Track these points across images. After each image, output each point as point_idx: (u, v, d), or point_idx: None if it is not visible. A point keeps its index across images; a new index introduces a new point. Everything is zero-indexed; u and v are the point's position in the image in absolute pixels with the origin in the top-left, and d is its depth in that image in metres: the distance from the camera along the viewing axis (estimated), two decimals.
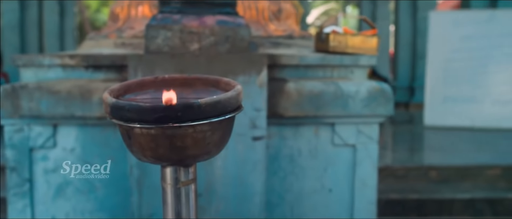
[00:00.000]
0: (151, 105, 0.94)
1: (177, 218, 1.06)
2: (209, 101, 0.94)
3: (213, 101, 0.94)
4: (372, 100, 2.34)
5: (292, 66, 2.35)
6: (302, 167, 2.41)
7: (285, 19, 2.75)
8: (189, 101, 0.94)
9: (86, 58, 2.30)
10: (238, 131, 2.10)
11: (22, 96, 2.23)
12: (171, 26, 2.06)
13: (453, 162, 4.84)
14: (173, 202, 1.05)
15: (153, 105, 0.94)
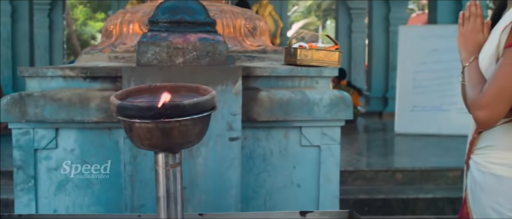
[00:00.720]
0: (148, 106, 1.29)
1: (167, 193, 1.40)
2: (191, 102, 1.28)
3: (194, 103, 1.29)
4: (334, 106, 2.70)
5: (264, 77, 2.71)
6: (274, 165, 2.76)
7: (260, 36, 3.11)
8: (176, 103, 1.29)
9: (85, 69, 2.64)
10: (216, 133, 2.44)
11: (29, 103, 2.56)
12: (159, 43, 2.40)
13: (418, 165, 5.23)
14: (163, 180, 1.39)
15: (149, 105, 1.29)
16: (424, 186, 4.98)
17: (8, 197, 4.69)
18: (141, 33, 2.87)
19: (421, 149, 6.22)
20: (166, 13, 2.43)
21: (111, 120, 2.59)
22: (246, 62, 2.85)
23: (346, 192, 4.82)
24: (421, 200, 4.71)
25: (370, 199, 4.74)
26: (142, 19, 2.95)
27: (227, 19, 2.98)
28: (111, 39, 3.05)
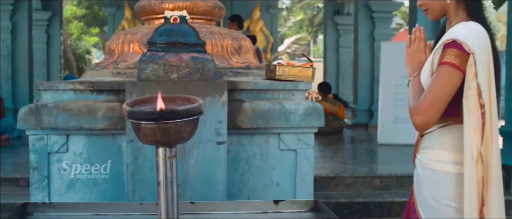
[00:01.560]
0: (151, 111, 1.70)
1: (165, 178, 1.80)
2: (183, 108, 1.70)
3: (186, 109, 1.71)
4: (307, 115, 3.13)
5: (247, 90, 3.13)
6: (256, 167, 3.18)
7: (245, 54, 3.54)
8: (172, 109, 1.71)
9: (92, 84, 3.05)
10: (206, 138, 2.85)
11: (44, 113, 2.97)
12: (157, 61, 2.82)
13: (395, 172, 5.64)
14: (163, 168, 1.79)
15: (152, 111, 1.70)
16: (400, 191, 5.38)
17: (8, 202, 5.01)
18: (140, 52, 3.30)
19: (400, 157, 6.63)
20: (163, 36, 2.86)
21: (115, 127, 3.00)
22: (232, 77, 3.27)
23: (327, 196, 5.23)
24: (396, 204, 5.11)
25: (350, 202, 5.14)
26: (141, 40, 3.37)
27: (215, 39, 3.41)
28: (114, 57, 3.47)
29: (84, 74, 3.65)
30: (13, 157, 6.95)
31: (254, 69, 3.48)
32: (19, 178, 5.45)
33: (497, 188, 2.20)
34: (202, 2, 3.56)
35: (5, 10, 10.48)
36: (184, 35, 2.83)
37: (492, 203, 2.18)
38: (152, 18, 3.64)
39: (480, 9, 2.32)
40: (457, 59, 2.15)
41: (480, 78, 2.14)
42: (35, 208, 2.22)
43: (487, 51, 2.19)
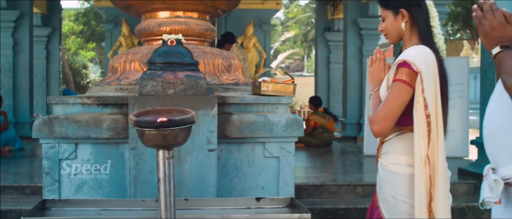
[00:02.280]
0: (153, 120, 2.12)
1: (164, 175, 2.22)
2: (179, 118, 2.11)
3: (181, 119, 2.12)
4: (289, 126, 3.54)
5: (236, 104, 3.55)
6: (243, 172, 3.59)
7: (234, 71, 3.96)
8: (170, 119, 2.12)
9: (98, 98, 3.47)
10: (198, 146, 3.26)
11: (56, 124, 3.38)
12: (156, 79, 3.24)
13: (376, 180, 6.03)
14: (163, 167, 2.21)
15: (154, 120, 2.12)
16: None
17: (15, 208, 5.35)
18: (141, 70, 3.71)
19: None
20: (161, 56, 3.28)
21: (119, 137, 3.41)
22: (222, 92, 3.69)
23: (313, 203, 5.61)
24: None
25: (334, 208, 5.52)
26: (141, 59, 3.79)
27: (208, 58, 3.83)
28: (117, 74, 3.89)
29: (90, 89, 4.07)
30: (17, 167, 7.32)
31: (242, 85, 3.90)
32: (25, 186, 5.79)
33: (443, 185, 2.60)
34: (196, 25, 3.99)
35: (7, 27, 10.88)
36: (180, 56, 3.25)
37: (439, 199, 2.58)
38: (151, 39, 4.07)
39: (430, 36, 2.74)
40: (407, 77, 2.57)
41: (427, 92, 2.56)
42: (52, 204, 2.63)
43: (434, 71, 2.61)
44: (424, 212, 2.58)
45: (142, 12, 4.10)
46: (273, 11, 15.94)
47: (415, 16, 2.73)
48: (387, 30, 2.81)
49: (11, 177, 6.34)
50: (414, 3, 2.74)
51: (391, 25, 2.79)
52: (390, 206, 2.73)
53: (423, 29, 2.73)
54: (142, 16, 4.16)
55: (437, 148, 2.58)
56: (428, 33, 2.74)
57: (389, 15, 2.80)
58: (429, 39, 2.73)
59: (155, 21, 3.98)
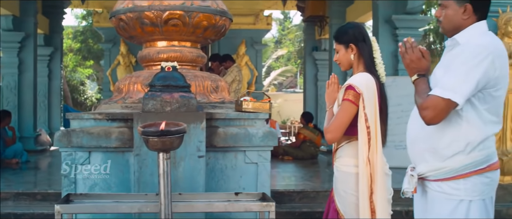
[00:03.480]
0: (156, 130, 2.86)
1: (163, 172, 2.95)
2: (174, 129, 2.86)
3: (176, 129, 2.87)
4: (265, 137, 4.28)
5: (221, 119, 4.29)
6: (228, 176, 4.32)
7: (221, 92, 4.71)
8: (168, 129, 2.87)
9: (108, 114, 4.21)
10: (190, 152, 3.99)
11: (73, 135, 4.11)
12: (156, 98, 3.98)
13: None
14: (162, 166, 2.94)
15: (156, 130, 2.87)
16: None
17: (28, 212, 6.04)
18: (143, 91, 4.45)
19: None
20: (160, 80, 4.02)
21: (125, 146, 4.14)
22: (211, 109, 4.43)
23: (293, 207, 6.33)
24: None
25: (311, 211, 6.23)
26: (143, 81, 4.54)
27: (198, 81, 4.59)
28: (122, 94, 4.64)
29: (99, 107, 4.81)
30: (26, 177, 8.04)
31: (227, 103, 4.65)
32: (36, 193, 6.49)
33: (381, 181, 3.32)
34: (189, 52, 4.74)
35: (13, 47, 11.61)
36: (175, 80, 3.99)
37: (378, 192, 3.31)
38: (151, 64, 4.82)
39: (373, 65, 3.48)
40: (353, 97, 3.32)
41: (367, 109, 3.30)
42: (74, 197, 3.36)
43: (373, 92, 3.35)
44: (367, 203, 3.31)
45: (143, 41, 4.86)
46: (264, 31, 16.71)
47: (361, 50, 3.48)
48: (340, 60, 3.57)
49: (22, 185, 7.02)
50: (360, 40, 3.49)
51: (343, 56, 3.54)
52: (342, 199, 3.46)
53: (367, 60, 3.48)
54: (143, 45, 4.92)
55: (376, 152, 3.32)
56: (371, 63, 3.49)
57: (342, 48, 3.55)
58: (372, 68, 3.48)
59: (154, 49, 4.74)
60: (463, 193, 2.70)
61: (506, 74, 2.70)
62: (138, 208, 3.26)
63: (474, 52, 2.61)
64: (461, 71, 2.60)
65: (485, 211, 2.73)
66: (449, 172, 2.73)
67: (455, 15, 2.77)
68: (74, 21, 30.39)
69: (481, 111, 2.67)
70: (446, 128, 2.71)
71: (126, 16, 4.52)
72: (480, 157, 2.69)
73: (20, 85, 11.76)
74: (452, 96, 2.56)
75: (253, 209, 3.36)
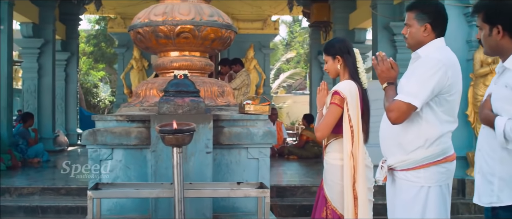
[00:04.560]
0: (171, 129, 3.49)
1: (177, 164, 3.57)
2: (186, 128, 3.49)
3: (187, 128, 3.49)
4: (265, 136, 4.89)
5: (226, 120, 4.91)
6: (232, 170, 4.93)
7: (226, 96, 5.32)
8: (180, 128, 3.49)
9: (128, 116, 4.83)
10: (199, 149, 4.60)
11: (98, 134, 4.73)
12: (170, 102, 4.59)
13: None
14: (176, 159, 3.56)
15: (171, 129, 3.49)
16: None
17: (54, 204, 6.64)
18: (158, 95, 5.07)
19: None
20: (173, 86, 4.63)
21: (142, 144, 4.75)
22: (217, 112, 5.04)
23: (294, 201, 6.92)
24: None
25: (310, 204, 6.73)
26: (158, 87, 5.16)
27: (207, 87, 5.20)
28: (140, 98, 5.26)
29: (119, 109, 5.44)
30: (49, 174, 8.68)
31: (232, 106, 5.27)
32: (60, 187, 7.11)
33: (362, 172, 3.88)
34: (198, 61, 5.36)
35: (33, 53, 12.29)
36: (186, 86, 4.61)
37: (360, 181, 3.88)
38: (165, 72, 5.44)
39: (356, 73, 4.07)
40: (338, 101, 3.91)
41: (351, 111, 3.89)
42: (102, 186, 3.99)
43: (356, 97, 3.94)
44: (350, 190, 3.89)
45: (158, 51, 5.48)
46: (272, 36, 17.25)
47: (346, 61, 4.07)
48: (328, 69, 4.16)
49: (47, 181, 7.64)
50: (345, 52, 4.08)
51: (331, 66, 4.14)
52: (330, 187, 4.04)
53: (352, 69, 4.07)
54: (158, 54, 5.55)
55: (358, 148, 3.90)
56: (355, 72, 4.08)
57: (330, 59, 4.14)
58: (355, 76, 4.06)
59: (167, 59, 5.36)
60: (423, 180, 3.27)
61: (458, 81, 3.27)
62: (156, 194, 3.89)
63: (430, 64, 3.19)
64: (420, 80, 3.18)
65: (441, 196, 3.30)
66: (412, 163, 3.29)
67: (417, 33, 3.34)
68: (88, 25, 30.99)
69: (437, 112, 3.24)
70: (409, 127, 3.28)
71: (143, 29, 5.14)
72: (437, 150, 3.26)
73: (39, 89, 12.41)
74: (412, 101, 3.14)
75: (251, 195, 3.97)
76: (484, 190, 2.88)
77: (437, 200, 3.29)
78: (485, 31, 2.88)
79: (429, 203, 3.25)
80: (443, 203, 3.30)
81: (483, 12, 2.88)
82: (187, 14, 5.09)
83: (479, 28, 2.94)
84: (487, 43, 2.92)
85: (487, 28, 2.87)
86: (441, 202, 3.29)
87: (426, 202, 3.25)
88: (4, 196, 6.97)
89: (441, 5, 3.43)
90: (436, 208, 3.27)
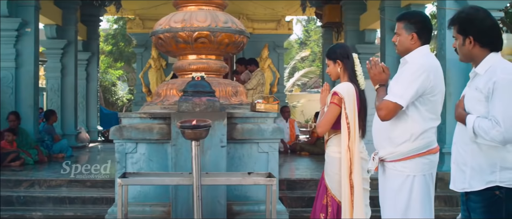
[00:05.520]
0: (190, 125, 4.02)
1: (195, 155, 4.10)
2: (203, 124, 4.02)
3: (204, 124, 4.03)
4: (274, 132, 5.40)
5: (239, 117, 5.43)
6: (245, 162, 5.45)
7: (239, 96, 5.84)
8: (198, 124, 4.02)
9: (150, 114, 5.37)
10: (214, 143, 5.12)
11: (124, 130, 5.27)
12: (189, 101, 5.12)
13: None
14: (195, 151, 4.09)
15: (190, 125, 4.02)
16: None
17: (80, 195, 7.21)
18: (177, 95, 5.60)
19: None
20: (191, 87, 5.16)
21: (163, 138, 5.28)
22: (231, 110, 5.56)
23: (304, 193, 7.40)
24: None
25: None
26: (178, 88, 5.69)
27: (221, 87, 5.73)
28: (161, 98, 5.80)
29: (142, 108, 5.99)
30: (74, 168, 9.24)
31: (244, 105, 5.79)
32: (86, 180, 7.65)
33: (358, 164, 4.37)
34: (214, 64, 5.89)
35: (57, 53, 12.85)
36: (203, 87, 5.14)
37: (355, 171, 4.37)
38: (183, 73, 5.98)
39: (354, 76, 4.55)
40: (337, 101, 4.41)
41: (348, 109, 4.38)
42: (129, 175, 4.52)
43: (353, 97, 4.43)
44: (347, 180, 4.37)
45: (177, 55, 6.03)
46: (286, 36, 17.71)
47: (346, 65, 4.56)
48: (330, 72, 4.66)
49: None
50: (345, 57, 4.57)
51: (332, 69, 4.63)
52: (330, 177, 4.54)
53: (350, 72, 4.56)
54: (177, 58, 6.09)
55: (354, 142, 4.38)
56: (353, 75, 4.56)
57: (331, 63, 4.63)
58: (353, 79, 4.55)
59: (186, 61, 5.90)
60: (409, 170, 3.74)
61: (440, 83, 3.73)
62: (177, 181, 4.44)
63: (415, 69, 3.66)
64: (405, 82, 3.65)
65: (425, 184, 3.76)
66: (400, 155, 3.76)
67: (405, 41, 3.83)
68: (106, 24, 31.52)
69: (422, 111, 3.71)
70: (397, 123, 3.76)
71: (164, 35, 5.68)
72: (421, 144, 3.72)
73: (62, 88, 12.96)
74: (398, 100, 3.62)
75: (260, 183, 4.50)
76: (458, 178, 3.35)
77: (421, 188, 3.74)
78: (459, 41, 3.32)
79: (414, 190, 3.72)
80: (427, 190, 3.77)
81: (457, 25, 3.33)
82: (204, 21, 5.61)
83: (455, 38, 3.40)
84: (461, 51, 3.35)
85: (461, 39, 3.31)
86: (425, 189, 3.76)
87: (412, 189, 3.72)
88: (34, 188, 7.52)
89: (426, 17, 3.92)
90: (421, 195, 3.73)
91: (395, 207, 3.78)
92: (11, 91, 10.14)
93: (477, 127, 3.13)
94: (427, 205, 3.78)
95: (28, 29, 10.32)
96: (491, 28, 3.29)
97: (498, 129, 3.03)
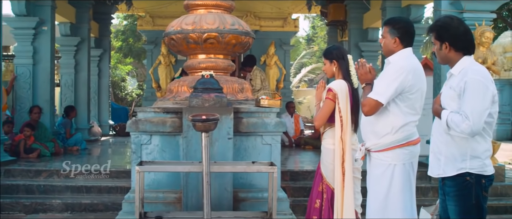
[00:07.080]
0: (200, 118, 4.53)
1: (205, 146, 4.61)
2: (212, 117, 4.53)
3: (213, 118, 4.54)
4: (276, 125, 5.90)
5: (245, 112, 5.92)
6: (250, 153, 5.95)
7: (245, 92, 6.34)
8: (207, 118, 4.54)
9: (164, 108, 5.88)
10: (222, 136, 5.62)
11: (139, 123, 5.78)
12: (198, 97, 5.61)
13: None
14: (204, 142, 4.60)
15: (200, 118, 4.53)
16: None
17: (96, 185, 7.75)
18: (188, 91, 6.10)
19: None
20: (201, 84, 5.66)
21: (175, 131, 5.78)
22: (237, 105, 6.06)
23: (306, 184, 7.89)
24: None
25: None
26: (189, 85, 6.19)
27: (228, 84, 6.23)
28: (173, 94, 6.31)
29: (156, 103, 6.50)
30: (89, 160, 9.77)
31: (250, 100, 6.29)
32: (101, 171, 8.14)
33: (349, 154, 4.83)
34: (222, 63, 6.38)
35: (70, 50, 13.38)
36: (212, 84, 5.64)
37: (347, 161, 4.85)
38: (193, 71, 6.48)
39: (348, 75, 5.03)
40: (331, 96, 4.89)
41: (341, 104, 4.85)
42: (145, 163, 5.04)
43: (346, 93, 4.90)
44: (339, 168, 4.84)
45: (188, 54, 6.53)
46: (292, 33, 18.10)
47: (340, 64, 5.05)
48: (326, 71, 5.15)
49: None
50: (340, 58, 5.05)
51: (328, 68, 5.12)
52: (325, 166, 5.01)
53: (344, 72, 5.04)
54: (188, 57, 6.59)
55: (346, 134, 4.84)
56: (347, 74, 5.03)
57: (327, 62, 5.11)
58: (347, 77, 5.02)
59: (196, 60, 6.40)
60: (390, 159, 4.20)
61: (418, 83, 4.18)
62: (188, 169, 4.96)
63: (395, 70, 4.12)
64: (386, 82, 4.12)
65: (405, 171, 4.18)
66: (382, 146, 4.22)
67: (389, 43, 4.29)
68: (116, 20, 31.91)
69: (401, 107, 4.16)
70: (380, 118, 4.22)
71: (175, 36, 6.18)
72: (401, 136, 4.16)
73: (76, 83, 13.51)
74: (379, 98, 4.09)
75: (262, 170, 5.02)
76: (434, 165, 3.83)
77: (402, 175, 4.19)
78: (437, 46, 3.79)
79: (395, 177, 4.18)
80: (407, 177, 4.22)
81: (435, 32, 3.80)
82: (212, 23, 6.11)
83: (433, 43, 3.88)
84: (439, 55, 3.82)
85: (438, 44, 3.78)
86: (405, 176, 4.21)
87: (392, 176, 4.18)
88: (53, 178, 8.06)
89: (409, 23, 4.38)
90: (401, 182, 4.18)
91: (377, 193, 4.26)
92: (28, 87, 10.69)
93: (450, 121, 3.60)
94: (408, 192, 4.23)
95: (44, 27, 10.85)
96: (464, 34, 3.76)
97: (467, 122, 3.50)
